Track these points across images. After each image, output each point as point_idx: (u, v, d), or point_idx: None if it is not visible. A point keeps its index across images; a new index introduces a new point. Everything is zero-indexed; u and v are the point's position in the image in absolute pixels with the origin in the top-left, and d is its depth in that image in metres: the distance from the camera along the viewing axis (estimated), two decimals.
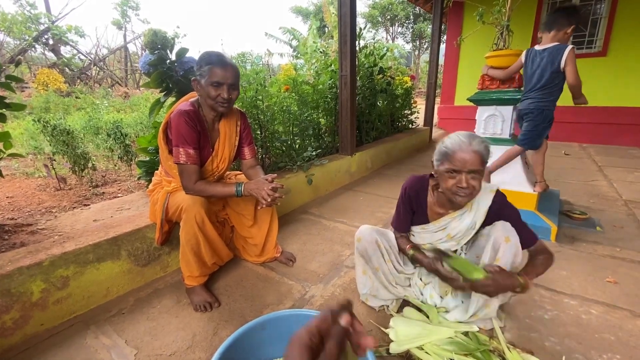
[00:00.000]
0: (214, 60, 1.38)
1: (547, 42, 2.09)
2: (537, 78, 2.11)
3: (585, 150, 4.81)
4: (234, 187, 1.46)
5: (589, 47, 5.10)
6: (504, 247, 1.15)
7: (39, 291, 1.35)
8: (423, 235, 1.37)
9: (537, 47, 2.12)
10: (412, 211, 1.37)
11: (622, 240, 2.04)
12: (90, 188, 2.79)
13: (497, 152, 2.32)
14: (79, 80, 10.60)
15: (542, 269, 1.16)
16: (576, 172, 3.66)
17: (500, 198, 1.25)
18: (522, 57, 2.18)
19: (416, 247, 1.34)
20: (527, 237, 1.22)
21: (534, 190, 2.23)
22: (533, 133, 2.18)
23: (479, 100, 2.34)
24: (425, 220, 1.35)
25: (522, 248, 1.20)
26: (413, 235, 1.42)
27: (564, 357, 1.18)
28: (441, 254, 1.18)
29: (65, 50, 11.18)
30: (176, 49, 2.10)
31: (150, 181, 1.91)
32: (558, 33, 2.04)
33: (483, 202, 1.25)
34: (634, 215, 2.42)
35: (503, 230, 1.17)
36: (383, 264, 1.35)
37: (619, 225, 2.26)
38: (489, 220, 1.25)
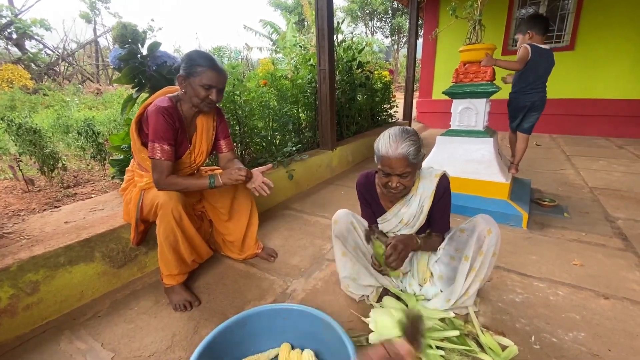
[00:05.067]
0: (208, 63, 1.40)
1: (541, 43, 2.39)
2: (544, 73, 2.40)
3: (555, 141, 5.02)
4: (207, 179, 1.47)
5: (557, 42, 5.31)
6: (487, 240, 1.21)
7: (7, 297, 1.29)
8: (384, 225, 1.42)
9: (541, 45, 2.37)
10: (368, 204, 1.44)
11: (587, 225, 2.16)
12: (61, 189, 2.67)
13: (471, 145, 2.40)
14: (46, 77, 10.07)
15: (430, 247, 1.37)
16: (546, 161, 3.83)
17: (445, 182, 1.31)
18: (529, 50, 2.35)
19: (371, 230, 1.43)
20: (444, 226, 1.38)
21: (511, 172, 2.46)
22: (537, 121, 2.53)
23: (453, 94, 2.39)
24: (382, 211, 1.42)
25: (434, 231, 1.38)
26: (379, 226, 1.47)
27: (533, 337, 1.25)
28: (370, 234, 1.29)
29: (30, 45, 10.58)
30: (149, 42, 2.03)
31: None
32: (543, 36, 2.40)
33: (428, 186, 1.31)
34: (598, 201, 2.56)
35: (485, 224, 1.23)
36: (360, 243, 1.39)
37: (585, 211, 2.39)
38: (435, 203, 1.32)
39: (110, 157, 2.80)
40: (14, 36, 9.95)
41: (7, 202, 2.40)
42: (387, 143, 1.15)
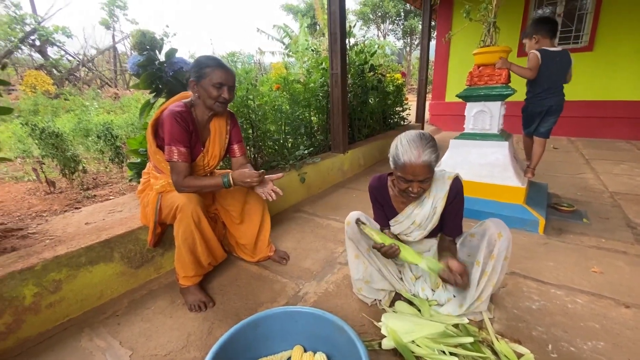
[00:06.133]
0: (215, 63, 1.46)
1: (550, 46, 2.32)
2: (558, 76, 2.33)
3: (573, 144, 4.89)
4: (220, 178, 1.51)
5: (575, 42, 5.18)
6: (498, 244, 1.20)
7: (32, 295, 1.34)
8: (396, 227, 1.42)
9: (551, 49, 2.30)
10: (381, 206, 1.46)
11: (607, 231, 2.09)
12: (81, 191, 2.77)
13: (485, 149, 2.36)
14: (67, 82, 10.44)
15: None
16: (564, 165, 3.73)
17: (458, 184, 1.31)
18: (539, 56, 2.29)
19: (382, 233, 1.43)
20: (456, 229, 1.38)
21: (527, 177, 2.44)
22: (554, 124, 2.48)
23: (467, 97, 2.37)
24: (395, 213, 1.42)
25: (445, 234, 1.39)
26: (391, 228, 1.47)
27: (550, 346, 1.22)
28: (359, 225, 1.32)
29: (52, 51, 10.99)
30: (165, 49, 2.09)
31: None
32: (552, 39, 2.35)
33: (441, 189, 1.31)
34: (619, 206, 2.48)
35: (495, 228, 1.22)
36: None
37: (605, 216, 2.32)
38: (448, 205, 1.32)
39: (128, 160, 2.88)
40: (37, 43, 10.36)
41: (30, 203, 2.50)
42: (408, 151, 1.14)
